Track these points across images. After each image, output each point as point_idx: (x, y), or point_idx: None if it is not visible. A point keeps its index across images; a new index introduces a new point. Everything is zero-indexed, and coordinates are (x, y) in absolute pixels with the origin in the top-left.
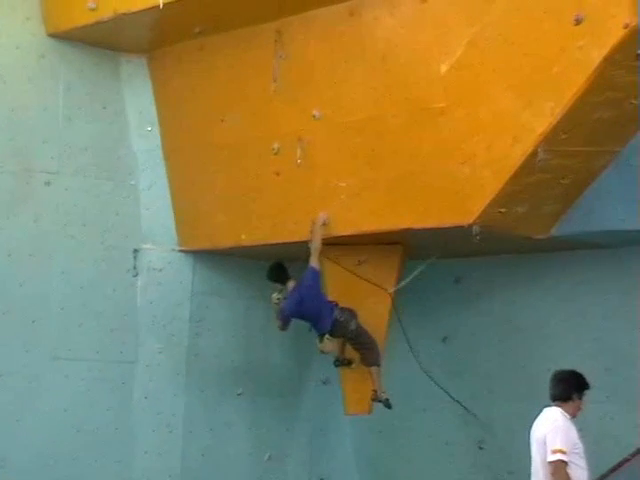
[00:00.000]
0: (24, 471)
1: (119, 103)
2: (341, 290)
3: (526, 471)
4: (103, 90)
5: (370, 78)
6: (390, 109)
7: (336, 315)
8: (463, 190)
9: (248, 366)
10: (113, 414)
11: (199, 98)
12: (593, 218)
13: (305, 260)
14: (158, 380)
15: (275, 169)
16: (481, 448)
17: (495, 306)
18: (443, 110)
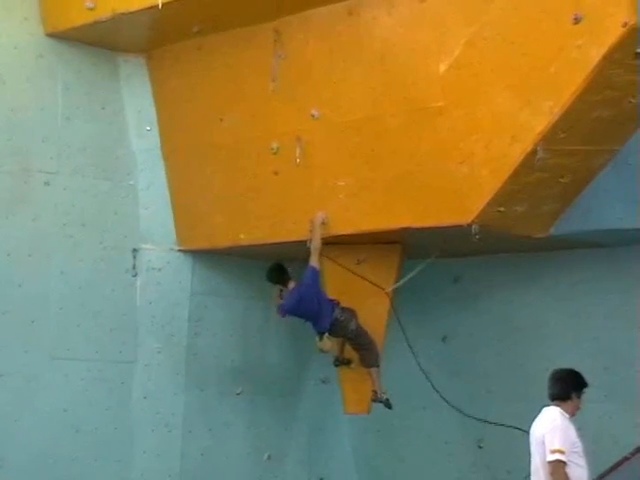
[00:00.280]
0: (23, 471)
1: (118, 103)
2: (340, 289)
3: (525, 470)
4: (102, 90)
5: (369, 78)
6: (389, 109)
7: (336, 314)
8: (462, 189)
9: (247, 366)
10: (112, 414)
11: (198, 98)
12: (592, 217)
13: (304, 260)
14: (157, 380)
15: (274, 169)
16: (480, 447)
17: (494, 305)
18: (442, 109)
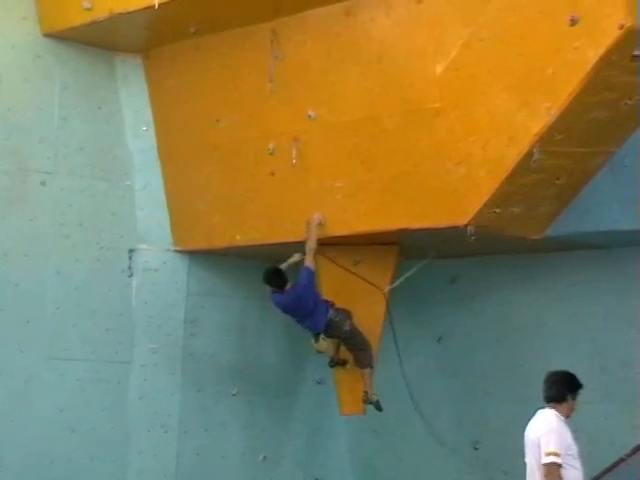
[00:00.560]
0: (19, 471)
1: (114, 103)
2: (337, 290)
3: (521, 471)
4: (99, 90)
5: (366, 78)
6: (386, 109)
7: (331, 315)
8: (458, 190)
9: (243, 366)
10: (108, 414)
11: (195, 98)
12: (588, 218)
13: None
14: (153, 380)
15: (270, 169)
16: (476, 449)
17: (491, 306)
18: (438, 110)
